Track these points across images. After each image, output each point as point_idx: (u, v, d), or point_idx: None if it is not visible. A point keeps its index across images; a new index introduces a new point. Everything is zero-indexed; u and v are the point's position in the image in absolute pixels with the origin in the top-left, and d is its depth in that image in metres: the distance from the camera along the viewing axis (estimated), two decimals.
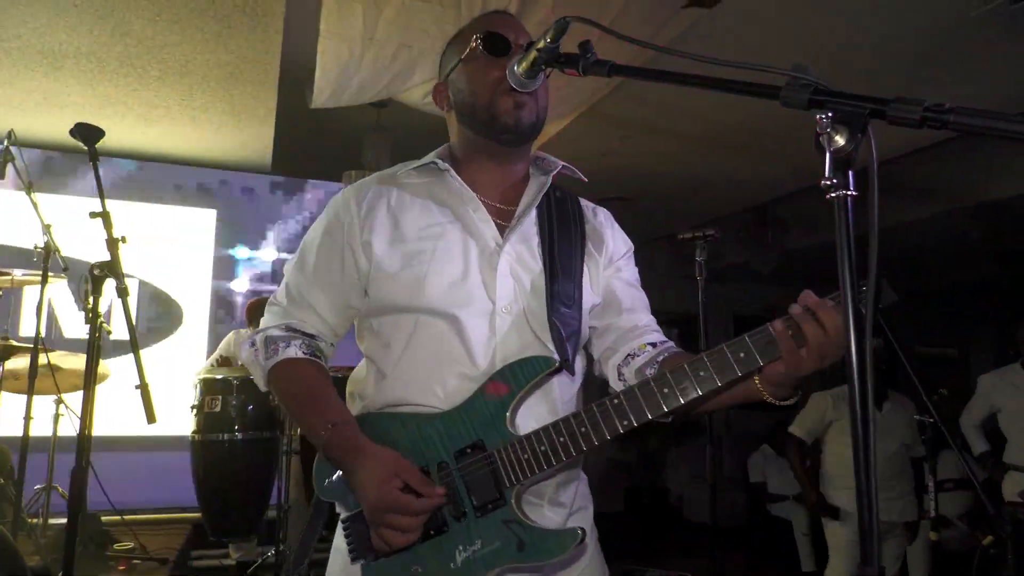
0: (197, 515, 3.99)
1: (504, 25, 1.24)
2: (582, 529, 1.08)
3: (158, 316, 5.40)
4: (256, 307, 4.38)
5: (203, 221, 5.61)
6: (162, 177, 5.48)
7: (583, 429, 1.08)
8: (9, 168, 3.20)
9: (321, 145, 5.54)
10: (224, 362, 4.15)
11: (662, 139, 4.90)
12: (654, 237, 7.09)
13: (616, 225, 1.40)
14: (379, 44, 3.47)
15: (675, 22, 3.29)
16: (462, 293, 1.18)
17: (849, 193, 0.76)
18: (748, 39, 3.52)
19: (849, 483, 3.53)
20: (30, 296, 4.78)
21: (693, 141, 4.87)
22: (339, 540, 1.19)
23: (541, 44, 1.06)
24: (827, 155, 0.76)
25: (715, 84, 0.86)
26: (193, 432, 3.69)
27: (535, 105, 1.22)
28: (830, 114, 0.76)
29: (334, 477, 1.17)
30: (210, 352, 5.08)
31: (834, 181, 0.76)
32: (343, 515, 1.17)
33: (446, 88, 1.30)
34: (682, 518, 7.43)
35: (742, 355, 1.01)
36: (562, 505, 1.22)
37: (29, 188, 3.20)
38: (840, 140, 0.76)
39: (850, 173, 0.76)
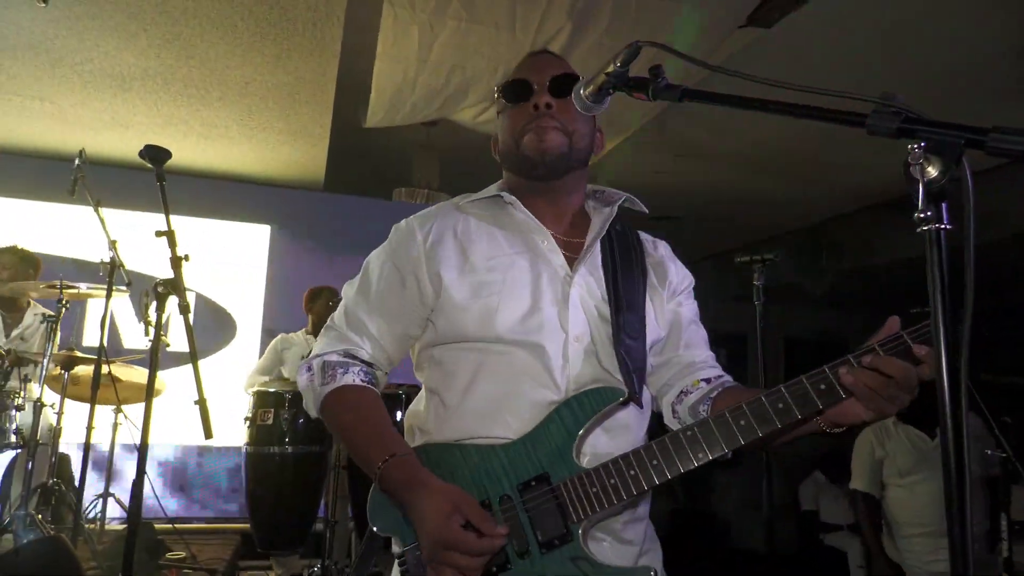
0: (247, 526, 4.05)
1: (527, 68, 1.28)
2: (655, 571, 1.03)
3: (213, 328, 5.54)
4: (313, 296, 4.43)
5: (258, 236, 5.75)
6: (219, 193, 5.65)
7: (655, 462, 1.05)
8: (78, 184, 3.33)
9: (372, 163, 5.65)
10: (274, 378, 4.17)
11: (714, 159, 4.84)
12: (703, 256, 6.99)
13: (677, 259, 1.38)
14: (433, 66, 3.52)
15: (732, 41, 3.25)
16: (535, 323, 1.16)
17: (943, 227, 0.72)
18: (806, 60, 3.46)
19: (920, 528, 3.11)
20: (93, 308, 4.96)
21: (746, 161, 4.79)
22: None
23: (610, 68, 1.05)
24: (920, 187, 0.73)
25: (796, 111, 0.83)
26: (245, 444, 3.75)
27: (560, 133, 1.22)
28: (922, 144, 0.73)
29: (390, 511, 1.13)
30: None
31: (928, 214, 0.72)
32: (399, 551, 1.13)
33: (498, 140, 1.35)
34: (730, 544, 7.23)
35: (823, 387, 0.99)
36: (631, 543, 1.18)
37: (97, 205, 3.32)
38: (933, 171, 0.73)
39: (943, 206, 0.73)
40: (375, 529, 1.16)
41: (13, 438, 3.38)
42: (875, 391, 0.96)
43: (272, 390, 3.71)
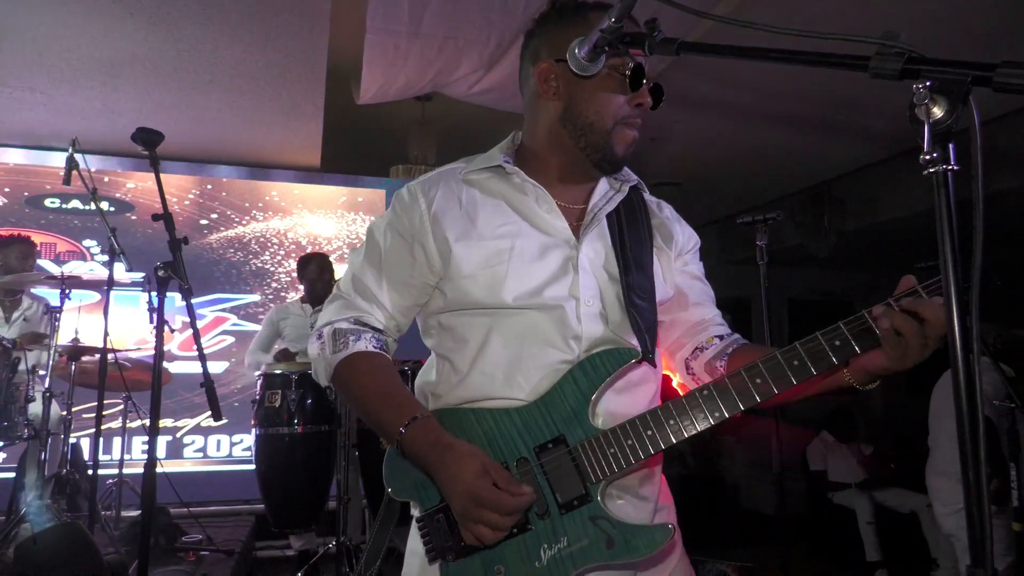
0: (261, 507, 4.09)
1: (639, 55, 1.17)
2: (673, 525, 1.05)
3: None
4: (304, 263, 4.43)
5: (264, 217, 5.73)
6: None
7: (671, 422, 1.05)
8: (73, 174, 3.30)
9: (368, 141, 5.60)
10: (283, 354, 4.17)
11: (712, 121, 4.78)
12: (704, 222, 6.96)
13: (682, 219, 1.37)
14: (425, 37, 3.46)
15: None
16: (545, 290, 1.15)
17: (951, 168, 0.70)
18: (807, 8, 3.37)
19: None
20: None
21: (745, 121, 4.74)
22: (414, 542, 1.16)
23: (604, 24, 1.02)
24: (925, 128, 0.71)
25: (797, 58, 0.81)
26: (254, 426, 3.77)
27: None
28: (927, 83, 0.71)
29: (407, 475, 1.13)
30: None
31: (934, 155, 0.70)
32: (417, 514, 1.14)
33: (558, 73, 1.20)
34: (739, 507, 7.30)
35: (837, 343, 0.98)
36: (647, 499, 1.18)
37: (94, 194, 3.29)
38: (938, 112, 0.71)
39: (951, 147, 0.71)
40: (391, 492, 1.16)
41: (25, 430, 3.41)
42: (906, 336, 0.94)
43: (279, 372, 3.72)
